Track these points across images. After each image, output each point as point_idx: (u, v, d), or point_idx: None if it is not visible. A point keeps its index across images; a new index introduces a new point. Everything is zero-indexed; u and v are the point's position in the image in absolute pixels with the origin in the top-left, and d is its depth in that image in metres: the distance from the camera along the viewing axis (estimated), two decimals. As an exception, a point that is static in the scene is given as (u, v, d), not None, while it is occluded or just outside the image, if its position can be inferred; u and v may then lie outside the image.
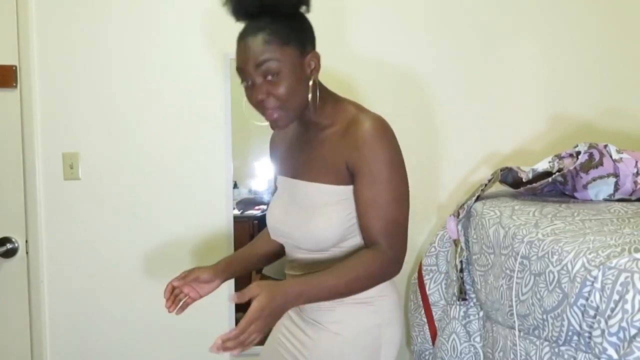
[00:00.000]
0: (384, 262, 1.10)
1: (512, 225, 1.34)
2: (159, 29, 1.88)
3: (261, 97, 1.07)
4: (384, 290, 1.20)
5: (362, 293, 1.13)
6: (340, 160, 1.11)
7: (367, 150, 1.08)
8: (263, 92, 1.07)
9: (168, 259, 1.94)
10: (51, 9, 1.85)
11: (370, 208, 1.10)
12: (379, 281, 1.12)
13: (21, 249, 1.83)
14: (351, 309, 1.17)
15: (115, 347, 1.96)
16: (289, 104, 1.09)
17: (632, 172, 1.53)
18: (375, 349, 1.18)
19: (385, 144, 1.10)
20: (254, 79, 1.08)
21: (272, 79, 1.06)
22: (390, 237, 1.11)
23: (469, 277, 1.57)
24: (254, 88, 1.09)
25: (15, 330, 1.86)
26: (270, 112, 1.09)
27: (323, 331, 1.18)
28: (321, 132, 1.16)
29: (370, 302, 1.17)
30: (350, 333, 1.16)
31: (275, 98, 1.08)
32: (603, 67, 2.00)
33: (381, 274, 1.11)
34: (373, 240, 1.11)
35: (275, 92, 1.07)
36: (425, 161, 1.98)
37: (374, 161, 1.09)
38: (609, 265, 1.00)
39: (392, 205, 1.12)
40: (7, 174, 1.82)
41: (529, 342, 1.21)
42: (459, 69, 1.96)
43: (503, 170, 1.63)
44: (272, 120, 1.10)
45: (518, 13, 1.96)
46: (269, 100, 1.08)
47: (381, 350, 1.18)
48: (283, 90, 1.07)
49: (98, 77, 1.88)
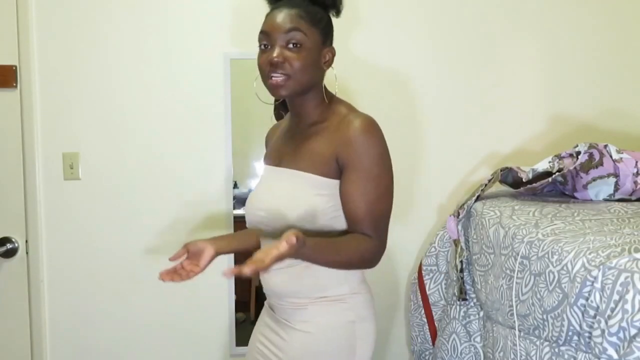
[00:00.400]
0: (373, 247, 1.15)
1: (512, 225, 1.34)
2: (159, 29, 1.88)
3: (278, 58, 1.11)
4: (356, 288, 1.23)
5: (334, 291, 1.19)
6: (330, 155, 1.15)
7: (358, 146, 1.13)
8: (281, 56, 1.12)
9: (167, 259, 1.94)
10: (51, 9, 1.85)
11: (360, 202, 1.13)
12: (362, 265, 1.17)
13: (21, 249, 1.83)
14: (323, 307, 1.19)
15: (115, 347, 1.96)
16: (297, 77, 1.13)
17: (632, 172, 1.53)
18: (351, 346, 1.20)
19: (375, 142, 1.15)
20: (277, 42, 1.12)
21: (293, 48, 1.12)
22: (378, 229, 1.15)
23: (469, 277, 1.57)
24: (272, 50, 1.13)
25: (15, 330, 1.86)
26: (277, 77, 1.13)
27: (295, 331, 1.20)
28: (312, 127, 1.20)
29: (343, 299, 1.20)
30: (323, 331, 1.19)
31: (289, 65, 1.12)
32: (603, 67, 2.00)
33: (368, 258, 1.15)
34: (360, 231, 1.15)
35: (291, 61, 1.12)
36: (425, 161, 1.98)
37: (365, 158, 1.13)
38: (609, 265, 1.00)
39: (380, 200, 1.15)
40: (7, 174, 1.82)
41: (529, 342, 1.21)
42: (459, 69, 1.96)
43: (503, 170, 1.63)
44: (274, 83, 1.13)
45: (518, 13, 1.96)
46: (283, 65, 1.12)
47: (357, 347, 1.20)
48: (299, 61, 1.12)
49: (98, 77, 1.88)
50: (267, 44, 1.14)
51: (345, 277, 1.20)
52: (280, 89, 1.14)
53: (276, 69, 1.12)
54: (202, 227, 1.94)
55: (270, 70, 1.13)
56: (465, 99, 1.97)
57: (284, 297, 1.22)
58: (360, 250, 1.13)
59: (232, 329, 1.97)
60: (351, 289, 1.21)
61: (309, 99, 1.19)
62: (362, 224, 1.14)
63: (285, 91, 1.14)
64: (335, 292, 1.19)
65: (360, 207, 1.13)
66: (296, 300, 1.20)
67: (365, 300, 1.24)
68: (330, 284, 1.19)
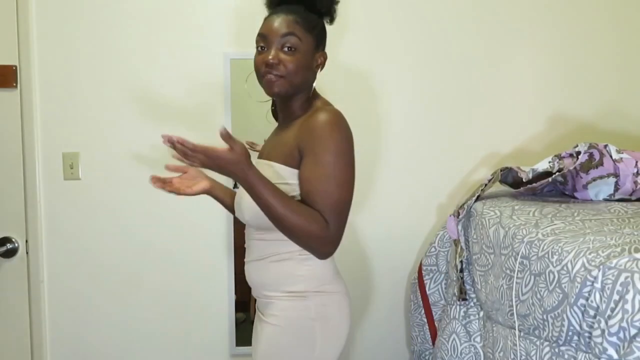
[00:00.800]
0: (323, 230, 1.13)
1: (512, 225, 1.34)
2: (159, 29, 1.88)
3: (273, 60, 1.19)
4: (321, 287, 1.26)
5: (298, 287, 1.23)
6: (294, 144, 1.20)
7: (316, 135, 1.16)
8: (276, 57, 1.19)
9: (168, 259, 1.94)
10: (51, 9, 1.85)
11: (313, 187, 1.15)
12: (307, 242, 1.14)
13: (21, 249, 1.83)
14: (288, 302, 1.24)
15: (115, 346, 1.96)
16: (290, 78, 1.21)
17: (632, 172, 1.53)
18: (310, 343, 1.24)
19: (335, 135, 1.16)
20: (273, 44, 1.20)
21: (287, 51, 1.20)
22: (331, 215, 1.14)
23: (469, 277, 1.57)
24: (268, 51, 1.21)
25: (15, 330, 1.86)
26: (273, 76, 1.20)
27: (265, 324, 1.26)
28: (293, 122, 1.27)
29: (304, 296, 1.24)
30: (286, 325, 1.24)
31: (283, 66, 1.20)
32: (603, 67, 2.00)
33: (315, 236, 1.12)
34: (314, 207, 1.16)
35: (286, 63, 1.20)
36: (426, 161, 1.98)
37: (320, 145, 1.15)
38: (609, 265, 1.00)
39: (334, 188, 1.15)
40: (7, 174, 1.82)
41: (529, 342, 1.21)
42: (459, 69, 1.96)
43: (503, 170, 1.63)
44: (269, 81, 1.21)
45: (518, 13, 1.96)
46: (278, 66, 1.20)
47: (316, 345, 1.24)
48: (293, 64, 1.20)
49: (98, 77, 1.88)
50: (263, 46, 1.22)
51: (311, 274, 1.24)
52: (274, 87, 1.21)
53: (271, 69, 1.20)
54: (202, 226, 1.94)
55: (266, 71, 1.20)
56: (465, 99, 1.97)
57: (258, 289, 1.30)
58: (310, 222, 1.11)
59: (232, 329, 1.97)
60: (316, 287, 1.25)
61: (297, 99, 1.27)
62: (315, 207, 1.14)
63: (277, 89, 1.21)
64: (298, 288, 1.24)
65: (312, 193, 1.14)
66: (267, 293, 1.27)
67: (330, 300, 1.27)
68: (294, 280, 1.24)
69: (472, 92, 1.97)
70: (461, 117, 1.97)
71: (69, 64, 1.87)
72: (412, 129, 1.97)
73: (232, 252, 1.94)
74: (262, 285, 1.28)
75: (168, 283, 1.95)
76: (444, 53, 1.95)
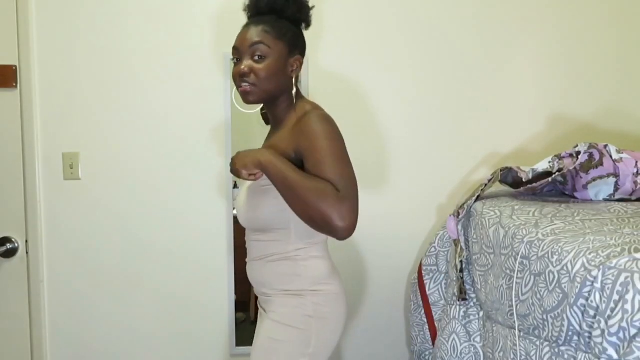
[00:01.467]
0: (338, 200, 1.12)
1: (512, 225, 1.34)
2: (159, 29, 1.88)
3: (244, 69, 1.25)
4: (317, 286, 1.30)
5: (294, 285, 1.29)
6: (289, 148, 1.24)
7: (308, 132, 1.21)
8: (247, 67, 1.25)
9: (168, 259, 1.95)
10: (51, 9, 1.85)
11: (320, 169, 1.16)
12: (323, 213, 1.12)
13: (21, 249, 1.83)
14: (285, 299, 1.29)
15: (114, 347, 1.96)
16: (262, 85, 1.26)
17: (632, 172, 1.53)
18: (305, 339, 1.28)
19: (325, 126, 1.21)
20: (245, 55, 1.27)
21: (258, 59, 1.26)
22: (340, 184, 1.15)
23: (469, 277, 1.57)
24: (241, 62, 1.27)
25: (15, 330, 1.86)
26: (245, 85, 1.26)
27: (265, 320, 1.32)
28: (282, 125, 1.32)
29: (301, 294, 1.29)
30: (283, 321, 1.29)
31: (254, 75, 1.25)
32: (603, 67, 2.00)
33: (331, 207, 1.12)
34: None
35: (256, 71, 1.25)
36: (425, 161, 1.98)
37: (313, 139, 1.19)
38: (609, 265, 1.00)
39: (334, 163, 1.17)
40: (7, 174, 1.82)
41: (529, 342, 1.21)
42: (459, 69, 1.96)
43: (503, 170, 1.63)
44: (243, 91, 1.27)
45: (518, 13, 1.96)
46: (249, 75, 1.25)
47: (311, 342, 1.27)
48: (263, 71, 1.25)
49: (98, 77, 1.88)
50: (238, 58, 1.29)
51: (307, 273, 1.29)
52: (248, 96, 1.27)
53: (244, 79, 1.26)
54: (202, 226, 1.94)
55: (240, 81, 1.26)
56: (465, 99, 1.97)
57: (258, 287, 1.36)
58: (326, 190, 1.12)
59: (232, 329, 1.97)
60: (311, 285, 1.29)
61: (279, 103, 1.32)
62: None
63: (252, 97, 1.27)
64: (295, 287, 1.29)
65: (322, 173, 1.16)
66: (266, 291, 1.33)
67: (327, 299, 1.31)
68: (290, 279, 1.29)
69: (472, 92, 1.97)
70: (461, 117, 1.97)
71: (69, 64, 1.87)
72: (412, 129, 1.97)
73: (232, 252, 1.94)
74: (262, 284, 1.34)
75: (168, 283, 1.95)
76: (444, 53, 1.95)
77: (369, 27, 1.92)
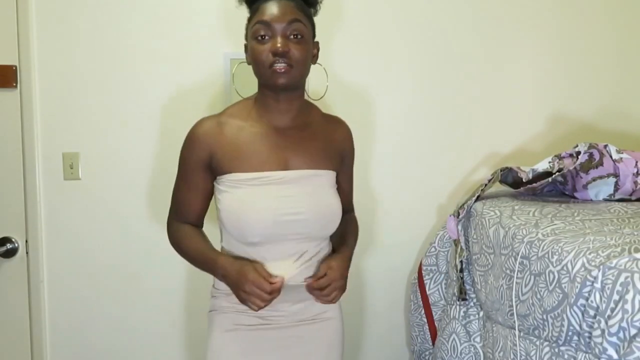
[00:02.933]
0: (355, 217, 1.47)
1: (512, 225, 1.34)
2: (159, 29, 1.88)
3: (284, 48, 1.11)
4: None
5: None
6: (336, 151, 1.31)
7: (352, 144, 1.38)
8: (287, 46, 1.12)
9: (168, 259, 1.94)
10: (51, 9, 1.85)
11: (350, 189, 1.42)
12: None
13: (21, 249, 1.83)
14: None
15: (115, 347, 1.96)
16: (299, 67, 1.15)
17: (632, 172, 1.53)
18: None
19: None
20: (278, 32, 1.12)
21: (294, 39, 1.13)
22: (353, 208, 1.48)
23: (469, 277, 1.57)
24: (273, 40, 1.13)
25: (15, 330, 1.86)
26: (283, 66, 1.12)
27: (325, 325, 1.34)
28: (306, 125, 1.26)
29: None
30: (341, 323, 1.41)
31: (292, 55, 1.12)
32: (603, 67, 2.00)
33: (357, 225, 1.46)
34: (349, 208, 1.42)
35: (295, 51, 1.12)
36: (425, 161, 1.98)
37: (353, 154, 1.40)
38: (609, 265, 1.00)
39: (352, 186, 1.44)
40: (7, 174, 1.82)
41: (529, 342, 1.21)
42: (459, 68, 1.96)
43: (503, 170, 1.63)
44: (279, 72, 1.13)
45: (518, 12, 1.96)
46: (288, 54, 1.12)
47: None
48: (301, 52, 1.14)
49: (98, 77, 1.88)
50: (264, 35, 1.13)
51: None
52: (283, 78, 1.13)
53: (281, 59, 1.12)
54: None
55: (274, 60, 1.12)
56: (465, 99, 1.97)
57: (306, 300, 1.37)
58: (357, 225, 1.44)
59: (232, 329, 1.96)
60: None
61: (298, 95, 1.23)
62: (351, 203, 1.44)
63: (287, 80, 1.14)
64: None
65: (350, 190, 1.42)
66: None
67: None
68: None
69: (472, 92, 1.97)
70: (461, 117, 1.97)
71: (69, 64, 1.87)
72: (412, 129, 1.97)
73: (232, 252, 1.93)
74: None
75: (168, 283, 1.95)
76: (444, 53, 1.95)
77: (368, 28, 1.92)
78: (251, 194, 1.19)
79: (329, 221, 1.23)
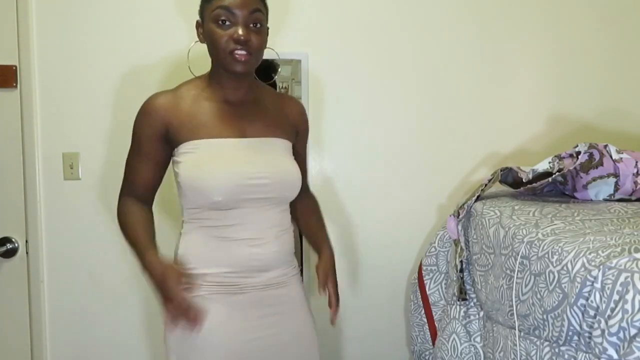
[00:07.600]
0: None
1: (512, 225, 1.34)
2: (159, 29, 1.88)
3: (247, 36, 1.16)
4: None
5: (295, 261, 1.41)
6: (291, 124, 1.36)
7: (306, 121, 1.43)
8: (248, 35, 1.17)
9: (168, 259, 1.94)
10: (51, 9, 1.85)
11: (305, 167, 1.43)
12: None
13: (21, 249, 1.83)
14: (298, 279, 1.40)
15: (115, 347, 1.96)
16: (257, 56, 1.21)
17: (632, 172, 1.53)
18: None
19: None
20: (240, 20, 1.17)
21: (254, 28, 1.18)
22: None
23: (469, 277, 1.57)
24: (235, 27, 1.17)
25: (15, 330, 1.86)
26: (244, 54, 1.17)
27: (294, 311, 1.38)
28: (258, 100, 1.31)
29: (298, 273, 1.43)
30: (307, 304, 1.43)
31: (252, 44, 1.17)
32: (603, 68, 2.01)
33: None
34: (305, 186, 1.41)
35: (255, 40, 1.18)
36: (425, 161, 1.98)
37: (307, 131, 1.45)
38: (609, 265, 1.00)
39: None
40: (7, 174, 1.82)
41: (529, 342, 1.21)
42: (459, 69, 1.96)
43: (503, 170, 1.63)
44: (238, 60, 1.18)
45: (518, 13, 1.96)
46: (248, 43, 1.17)
47: None
48: (260, 41, 1.19)
49: (98, 77, 1.88)
50: (227, 20, 1.17)
51: None
52: (243, 65, 1.18)
53: (242, 46, 1.16)
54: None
55: (234, 47, 1.17)
56: (465, 99, 1.97)
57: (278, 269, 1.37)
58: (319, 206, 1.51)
59: (232, 329, 1.96)
60: None
61: (251, 76, 1.30)
62: (306, 179, 1.43)
63: (246, 67, 1.19)
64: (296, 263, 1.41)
65: (305, 169, 1.43)
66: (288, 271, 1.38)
67: None
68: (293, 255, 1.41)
69: (472, 92, 1.97)
70: (461, 117, 1.97)
71: (69, 64, 1.87)
72: (411, 129, 1.97)
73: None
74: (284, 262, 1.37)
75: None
76: (444, 53, 1.95)
77: (368, 28, 1.92)
78: (212, 156, 1.22)
79: (290, 185, 1.28)
